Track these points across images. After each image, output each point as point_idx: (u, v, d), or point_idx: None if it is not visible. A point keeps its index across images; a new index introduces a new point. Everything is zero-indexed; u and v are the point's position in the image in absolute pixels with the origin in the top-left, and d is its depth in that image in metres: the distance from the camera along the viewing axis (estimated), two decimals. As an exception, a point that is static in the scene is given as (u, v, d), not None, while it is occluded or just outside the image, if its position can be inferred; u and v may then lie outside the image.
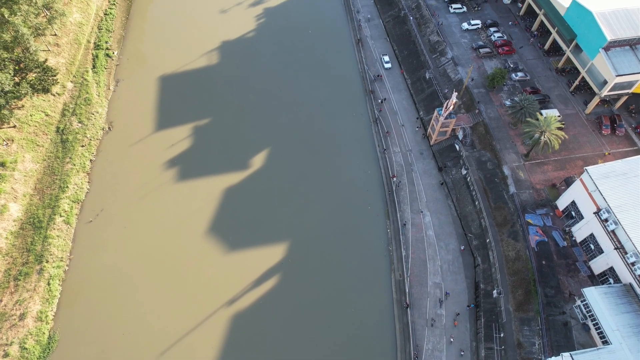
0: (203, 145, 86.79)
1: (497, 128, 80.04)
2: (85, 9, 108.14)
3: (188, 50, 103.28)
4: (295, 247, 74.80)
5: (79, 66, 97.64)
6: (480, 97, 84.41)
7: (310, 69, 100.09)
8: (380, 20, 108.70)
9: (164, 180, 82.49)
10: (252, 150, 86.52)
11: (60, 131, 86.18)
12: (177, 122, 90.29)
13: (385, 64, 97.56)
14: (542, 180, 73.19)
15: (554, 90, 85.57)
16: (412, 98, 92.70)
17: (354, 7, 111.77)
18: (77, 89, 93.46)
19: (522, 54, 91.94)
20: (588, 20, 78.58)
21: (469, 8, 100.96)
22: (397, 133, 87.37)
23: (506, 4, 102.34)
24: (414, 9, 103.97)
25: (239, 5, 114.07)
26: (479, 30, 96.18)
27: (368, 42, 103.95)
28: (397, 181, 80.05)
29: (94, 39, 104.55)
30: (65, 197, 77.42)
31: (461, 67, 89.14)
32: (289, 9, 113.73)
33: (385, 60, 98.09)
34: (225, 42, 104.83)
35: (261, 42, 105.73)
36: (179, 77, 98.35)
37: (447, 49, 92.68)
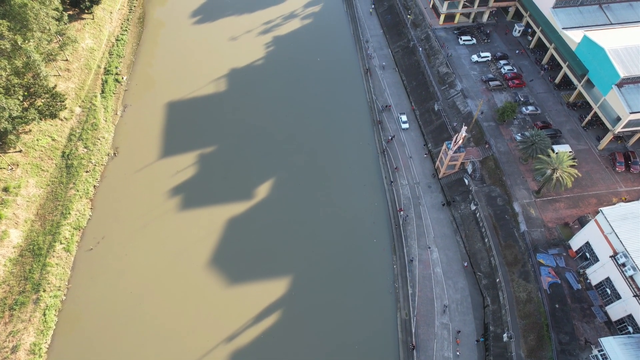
0: (207, 174, 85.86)
1: (508, 163, 78.34)
2: (98, 34, 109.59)
3: (197, 76, 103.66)
4: (299, 280, 72.70)
5: (88, 91, 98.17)
6: (490, 130, 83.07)
7: (317, 97, 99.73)
8: (389, 50, 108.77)
9: (167, 209, 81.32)
10: (256, 179, 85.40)
11: (66, 156, 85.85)
12: (182, 150, 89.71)
13: (403, 124, 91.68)
14: (554, 218, 70.94)
15: (565, 124, 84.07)
16: (421, 129, 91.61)
17: (363, 37, 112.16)
18: (85, 113, 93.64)
19: (532, 87, 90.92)
20: (600, 56, 77.60)
21: (479, 40, 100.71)
22: (405, 165, 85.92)
23: (516, 37, 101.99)
24: (423, 39, 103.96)
25: (248, 33, 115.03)
26: (488, 62, 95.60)
27: (376, 72, 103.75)
28: (404, 215, 78.17)
29: (105, 64, 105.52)
30: (67, 223, 76.34)
31: (470, 100, 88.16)
32: (298, 37, 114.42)
33: (403, 121, 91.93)
34: (233, 70, 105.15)
35: (269, 69, 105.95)
36: (186, 104, 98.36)
37: (456, 80, 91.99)
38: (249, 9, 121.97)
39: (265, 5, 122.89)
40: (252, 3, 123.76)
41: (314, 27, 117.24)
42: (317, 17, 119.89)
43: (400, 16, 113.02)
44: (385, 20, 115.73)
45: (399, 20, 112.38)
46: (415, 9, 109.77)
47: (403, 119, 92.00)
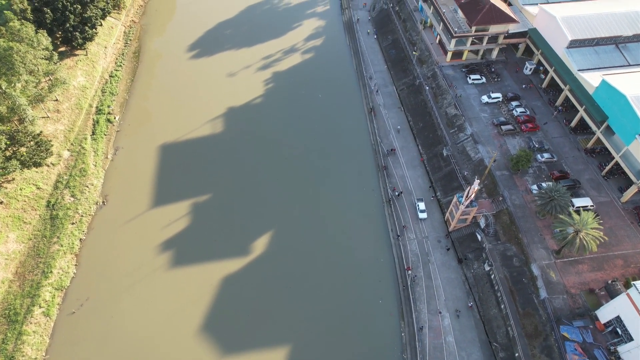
0: (201, 225, 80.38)
1: (523, 217, 72.58)
2: (91, 71, 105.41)
3: (193, 116, 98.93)
4: (298, 346, 66.58)
5: (78, 133, 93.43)
6: (503, 181, 77.51)
7: (319, 139, 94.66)
8: (394, 88, 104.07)
9: (158, 265, 75.64)
10: (254, 231, 79.84)
11: (51, 206, 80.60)
12: (176, 197, 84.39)
13: (420, 213, 79.66)
14: (577, 283, 64.88)
15: (583, 173, 78.50)
16: (429, 175, 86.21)
17: (366, 73, 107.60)
18: (74, 158, 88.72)
19: (546, 130, 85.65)
20: (621, 103, 72.41)
21: (489, 79, 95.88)
22: (412, 217, 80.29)
23: (527, 75, 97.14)
24: (429, 77, 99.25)
25: (247, 68, 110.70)
26: (499, 103, 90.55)
27: (381, 111, 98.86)
28: (413, 275, 72.26)
29: (97, 102, 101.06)
30: (48, 283, 70.70)
31: (482, 146, 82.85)
32: (299, 72, 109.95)
33: (421, 209, 79.83)
34: (231, 109, 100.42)
35: (268, 108, 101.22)
36: (181, 146, 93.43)
37: (465, 124, 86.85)
38: (248, 43, 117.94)
39: (265, 39, 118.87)
40: (251, 36, 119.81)
41: (315, 61, 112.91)
42: (318, 51, 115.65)
43: (405, 51, 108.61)
44: (389, 55, 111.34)
45: (404, 56, 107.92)
46: (421, 44, 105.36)
47: (421, 207, 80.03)
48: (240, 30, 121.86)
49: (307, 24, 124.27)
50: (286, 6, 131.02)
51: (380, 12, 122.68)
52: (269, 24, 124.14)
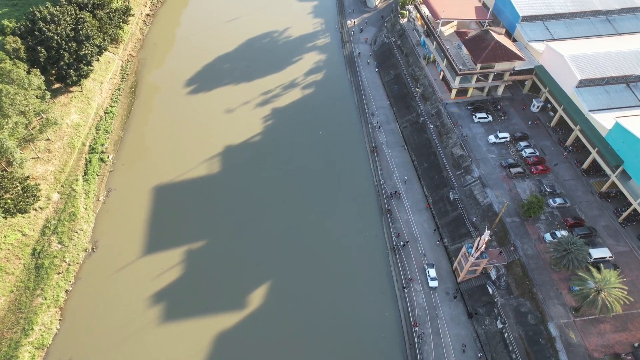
0: (195, 275, 75.88)
1: (537, 269, 68.07)
2: (85, 108, 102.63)
3: (188, 155, 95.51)
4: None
5: (69, 174, 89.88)
6: (514, 228, 73.30)
7: (320, 179, 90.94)
8: (397, 125, 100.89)
9: (149, 319, 70.87)
10: (251, 281, 75.31)
11: (37, 254, 76.33)
12: (169, 244, 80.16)
13: (431, 280, 72.90)
14: (600, 345, 59.93)
15: (599, 219, 74.29)
16: (435, 220, 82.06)
17: (368, 109, 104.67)
18: (64, 201, 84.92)
19: (557, 172, 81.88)
20: (637, 147, 68.80)
21: (495, 117, 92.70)
22: (419, 266, 75.78)
23: (534, 112, 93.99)
24: (433, 115, 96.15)
25: (246, 104, 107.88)
26: (507, 143, 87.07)
27: (384, 150, 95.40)
28: (420, 332, 67.31)
29: (90, 141, 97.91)
30: (28, 342, 65.93)
31: (490, 190, 78.94)
32: (299, 109, 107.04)
33: (431, 277, 73.11)
34: (228, 147, 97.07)
35: (267, 146, 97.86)
36: (175, 188, 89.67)
37: (472, 165, 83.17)
38: (247, 77, 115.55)
39: (264, 73, 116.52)
40: (250, 70, 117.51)
41: (316, 97, 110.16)
42: (318, 86, 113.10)
43: (408, 87, 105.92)
44: (391, 91, 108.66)
45: (406, 92, 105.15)
46: (424, 80, 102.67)
47: (432, 274, 73.51)
48: (239, 65, 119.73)
49: (308, 57, 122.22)
50: (286, 39, 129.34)
51: (382, 46, 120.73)
52: (268, 57, 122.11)
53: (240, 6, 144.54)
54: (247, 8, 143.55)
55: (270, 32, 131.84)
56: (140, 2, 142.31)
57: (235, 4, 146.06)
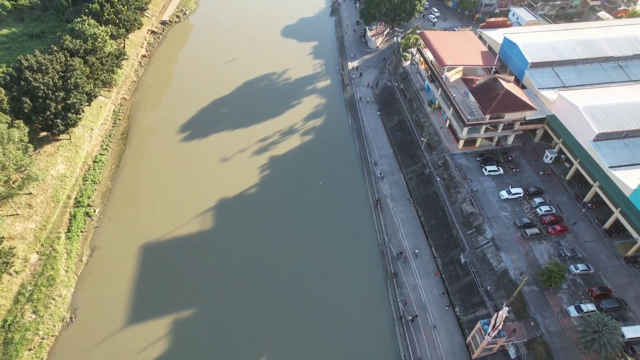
0: (185, 350, 68.60)
1: (563, 350, 60.90)
2: (73, 157, 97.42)
3: (180, 209, 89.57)
4: None
5: (50, 231, 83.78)
6: (533, 299, 66.51)
7: (320, 236, 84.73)
8: (402, 176, 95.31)
9: (127, 404, 63.49)
10: (244, 355, 68.05)
11: (7, 327, 69.28)
12: (155, 312, 73.19)
13: None
14: None
15: (627, 289, 67.55)
16: (445, 285, 75.30)
17: (370, 158, 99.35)
18: (42, 262, 78.49)
19: (576, 232, 75.60)
20: (668, 212, 62.84)
21: (506, 169, 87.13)
22: (428, 338, 68.61)
23: (548, 164, 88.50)
24: (440, 166, 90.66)
25: (242, 152, 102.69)
26: (520, 199, 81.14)
27: (388, 203, 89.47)
28: (433, 423, 59.76)
29: (76, 193, 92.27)
30: None
31: (505, 253, 72.52)
32: (298, 157, 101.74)
33: None
34: (223, 200, 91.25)
35: (264, 199, 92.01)
36: (165, 246, 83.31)
37: (484, 225, 77.02)
38: (244, 123, 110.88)
39: (262, 119, 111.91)
40: (247, 116, 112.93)
41: (316, 144, 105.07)
42: (318, 132, 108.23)
43: (412, 134, 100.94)
44: (395, 138, 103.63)
45: (411, 140, 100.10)
46: (429, 128, 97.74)
47: None
48: (236, 109, 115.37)
49: (307, 101, 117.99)
50: (285, 82, 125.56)
51: (384, 90, 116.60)
52: (266, 101, 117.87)
53: (239, 46, 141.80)
54: (246, 48, 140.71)
55: (269, 74, 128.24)
56: (137, 42, 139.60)
57: (234, 43, 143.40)
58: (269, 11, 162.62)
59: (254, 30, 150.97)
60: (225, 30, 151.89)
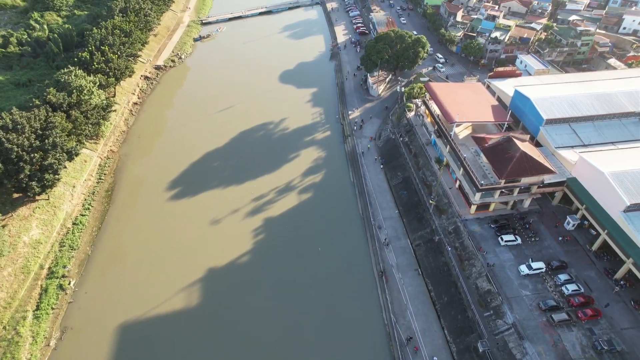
0: None
1: None
2: (50, 220, 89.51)
3: (165, 281, 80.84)
4: None
5: (16, 309, 74.98)
6: (568, 405, 56.97)
7: (317, 313, 75.52)
8: (408, 242, 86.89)
9: None
10: None
11: None
12: (127, 413, 63.64)
13: None
14: None
15: (675, 391, 58.06)
16: (461, 378, 65.78)
17: (374, 220, 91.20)
18: (2, 350, 69.19)
19: (610, 317, 66.46)
20: None
21: (524, 238, 78.82)
22: None
23: (570, 231, 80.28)
24: (451, 233, 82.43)
25: (234, 213, 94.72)
26: (543, 275, 72.46)
27: (394, 275, 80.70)
28: None
29: (50, 262, 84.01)
30: None
31: (529, 343, 63.26)
32: (295, 219, 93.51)
33: None
34: (212, 271, 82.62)
35: (256, 269, 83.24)
36: (145, 327, 74.08)
37: (504, 306, 68.11)
38: (238, 179, 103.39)
39: (257, 174, 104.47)
40: (241, 171, 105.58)
41: (314, 204, 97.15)
42: (317, 190, 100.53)
43: (418, 194, 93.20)
44: (400, 197, 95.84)
45: (417, 200, 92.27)
46: (438, 188, 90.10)
47: None
48: (230, 163, 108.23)
49: (305, 154, 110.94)
50: (282, 132, 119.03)
51: (387, 142, 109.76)
52: (262, 154, 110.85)
53: (235, 92, 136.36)
54: (242, 94, 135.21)
55: (266, 123, 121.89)
56: (129, 89, 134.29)
57: (230, 89, 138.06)
58: (267, 55, 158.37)
59: (251, 75, 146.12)
60: (221, 75, 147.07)
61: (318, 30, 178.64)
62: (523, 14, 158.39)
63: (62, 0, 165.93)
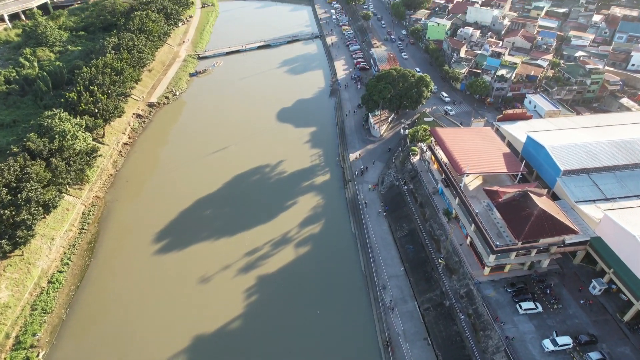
0: None
1: None
2: (22, 279, 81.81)
3: (146, 352, 72.53)
4: None
5: (-25, 389, 66.54)
6: None
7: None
8: (416, 305, 78.83)
9: None
10: None
11: None
12: None
13: None
14: None
15: None
16: None
17: (378, 279, 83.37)
18: None
19: (650, 404, 58.08)
20: None
21: (545, 304, 70.85)
22: None
23: (596, 295, 72.38)
24: (463, 297, 74.53)
25: (226, 270, 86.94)
26: (570, 352, 64.16)
27: (401, 345, 72.39)
28: None
29: (19, 329, 75.98)
30: None
31: None
32: (292, 276, 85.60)
33: None
34: (199, 338, 74.42)
35: (250, 332, 75.13)
36: (119, 410, 65.59)
37: (528, 392, 59.70)
38: (230, 230, 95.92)
39: (251, 224, 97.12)
40: (234, 220, 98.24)
41: (313, 259, 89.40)
42: (316, 243, 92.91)
43: (426, 250, 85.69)
44: (406, 252, 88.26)
45: (425, 258, 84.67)
46: (447, 243, 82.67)
47: None
48: (222, 212, 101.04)
49: (303, 201, 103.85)
50: (279, 176, 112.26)
51: (391, 189, 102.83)
52: (257, 201, 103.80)
53: (230, 132, 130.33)
54: (237, 134, 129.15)
55: (262, 167, 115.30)
56: (119, 129, 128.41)
57: (225, 128, 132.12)
58: (265, 91, 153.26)
59: (248, 113, 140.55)
60: (216, 113, 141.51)
61: (317, 65, 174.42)
62: (527, 50, 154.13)
63: (56, 36, 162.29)
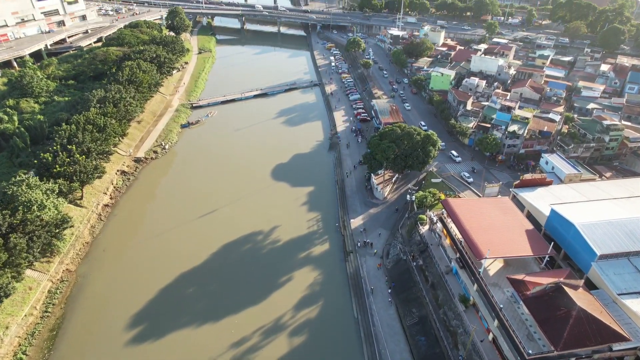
0: None
1: None
2: (-35, 383, 68.68)
3: None
4: None
5: None
6: None
7: None
8: (432, 419, 65.94)
9: None
10: None
11: None
12: None
13: None
14: None
15: None
16: None
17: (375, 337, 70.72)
18: None
19: None
20: None
21: None
22: None
23: (650, 413, 59.81)
24: (490, 414, 61.64)
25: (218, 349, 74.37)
26: None
27: None
28: None
29: None
30: None
31: None
32: None
33: None
34: None
35: None
36: None
37: None
38: (215, 314, 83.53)
39: (240, 306, 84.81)
40: (220, 302, 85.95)
41: (310, 352, 76.83)
42: (313, 333, 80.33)
43: (440, 343, 73.43)
44: (417, 346, 75.82)
45: (440, 354, 72.27)
46: (465, 337, 70.41)
47: None
48: (207, 290, 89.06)
49: (299, 277, 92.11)
50: (272, 246, 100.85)
51: (398, 264, 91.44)
52: (246, 277, 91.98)
53: (220, 192, 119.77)
54: (228, 195, 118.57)
55: (253, 234, 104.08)
56: (100, 189, 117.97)
57: (215, 188, 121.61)
58: (259, 146, 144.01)
59: (240, 170, 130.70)
60: (206, 169, 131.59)
61: (316, 115, 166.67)
62: (537, 101, 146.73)
63: (42, 86, 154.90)
